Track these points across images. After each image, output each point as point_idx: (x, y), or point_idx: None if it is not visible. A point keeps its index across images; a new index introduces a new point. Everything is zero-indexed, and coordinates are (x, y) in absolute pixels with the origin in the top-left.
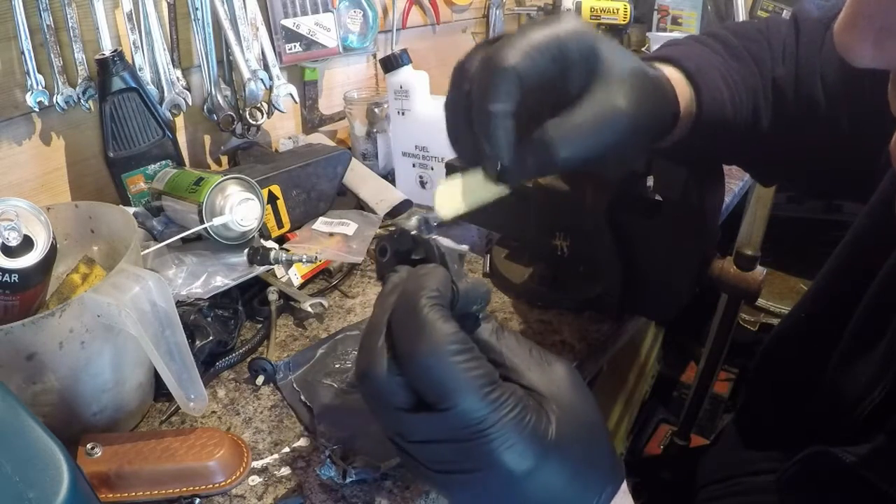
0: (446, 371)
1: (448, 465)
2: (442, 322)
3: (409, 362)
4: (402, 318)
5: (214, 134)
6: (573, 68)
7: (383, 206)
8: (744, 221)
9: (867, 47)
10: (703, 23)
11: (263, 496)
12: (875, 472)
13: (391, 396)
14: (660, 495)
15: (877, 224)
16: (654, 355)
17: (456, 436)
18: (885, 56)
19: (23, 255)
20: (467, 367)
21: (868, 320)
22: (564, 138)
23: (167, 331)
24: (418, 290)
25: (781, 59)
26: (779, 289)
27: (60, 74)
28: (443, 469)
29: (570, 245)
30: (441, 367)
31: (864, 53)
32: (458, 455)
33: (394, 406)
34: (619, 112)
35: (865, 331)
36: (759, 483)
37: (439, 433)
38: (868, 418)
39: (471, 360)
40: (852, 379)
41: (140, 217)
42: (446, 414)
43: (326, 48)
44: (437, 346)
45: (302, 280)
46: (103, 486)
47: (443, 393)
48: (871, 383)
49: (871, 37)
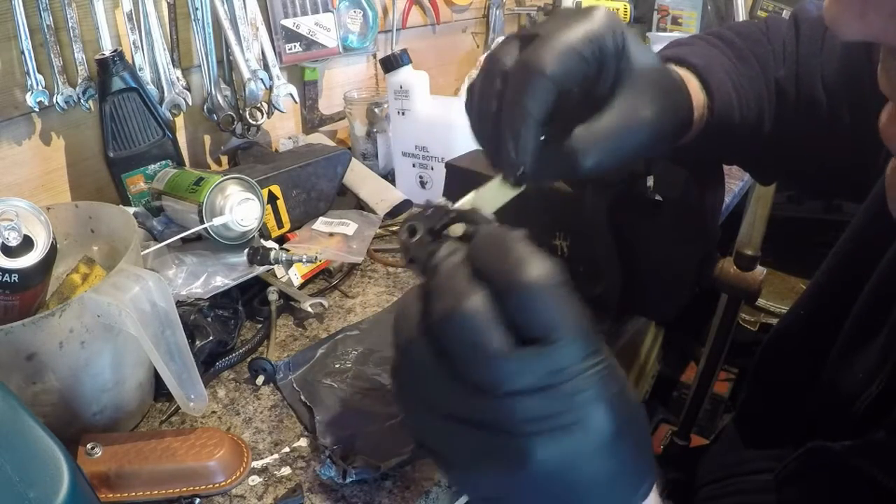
0: (556, 300)
1: (541, 423)
2: (541, 257)
3: (512, 293)
4: (495, 252)
5: (214, 134)
6: (606, 69)
7: (383, 206)
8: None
9: (853, 19)
10: (703, 23)
11: (263, 496)
12: (873, 464)
13: (488, 336)
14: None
15: (875, 220)
16: (654, 355)
17: (560, 378)
18: (871, 28)
19: (23, 255)
20: (571, 301)
21: (866, 316)
22: (590, 148)
23: (167, 331)
24: (502, 232)
25: (782, 59)
26: (779, 289)
27: (60, 74)
28: (534, 429)
29: (570, 245)
30: (550, 296)
31: (850, 25)
32: (557, 405)
33: (491, 348)
34: (645, 122)
35: (863, 326)
36: (758, 482)
37: (542, 376)
38: (866, 413)
39: (571, 296)
40: (850, 374)
41: (140, 217)
42: (554, 348)
43: (326, 48)
44: (544, 275)
45: (302, 280)
46: (103, 486)
47: (551, 324)
48: (869, 378)
49: (856, 8)
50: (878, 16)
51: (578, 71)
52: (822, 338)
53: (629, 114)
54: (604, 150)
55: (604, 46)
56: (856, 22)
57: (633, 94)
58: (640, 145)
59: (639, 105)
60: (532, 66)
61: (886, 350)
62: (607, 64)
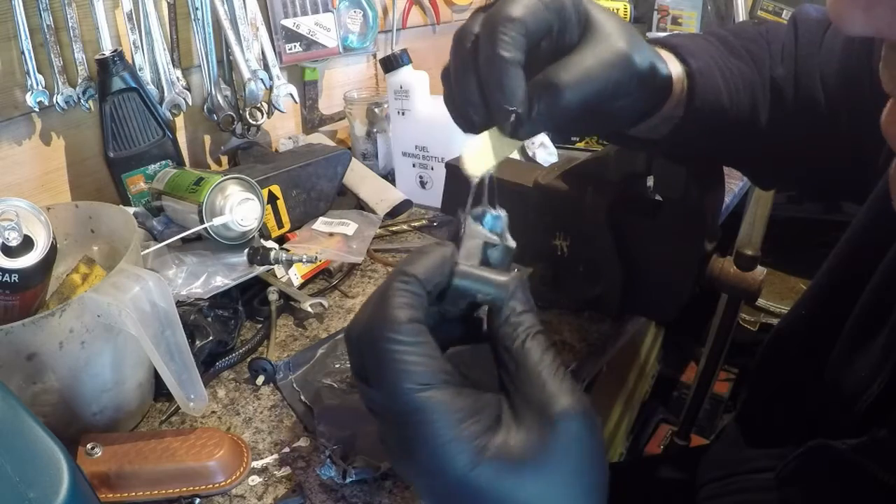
0: (377, 353)
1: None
2: (396, 309)
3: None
4: (377, 292)
5: (214, 134)
6: (571, 19)
7: (383, 206)
8: (744, 221)
9: (859, 13)
10: (703, 23)
11: (263, 496)
12: (876, 461)
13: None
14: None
15: (876, 220)
16: (654, 355)
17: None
18: (875, 22)
19: (23, 255)
20: (399, 357)
21: (867, 315)
22: (570, 79)
23: (167, 331)
24: (396, 273)
25: (780, 59)
26: (779, 289)
27: (60, 74)
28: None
29: (570, 245)
30: (375, 348)
31: (855, 19)
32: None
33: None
34: (621, 52)
35: (864, 326)
36: (759, 481)
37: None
38: (867, 412)
39: (408, 351)
40: (852, 374)
41: (140, 217)
42: (376, 391)
43: (326, 48)
44: (376, 328)
45: (302, 280)
46: (103, 486)
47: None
48: (870, 377)
49: (861, 3)
50: (885, 10)
51: (543, 18)
52: (823, 337)
53: (603, 47)
54: (583, 81)
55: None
56: (862, 16)
57: (604, 35)
58: (620, 76)
59: (612, 40)
60: (499, 15)
61: (888, 349)
62: (568, 16)
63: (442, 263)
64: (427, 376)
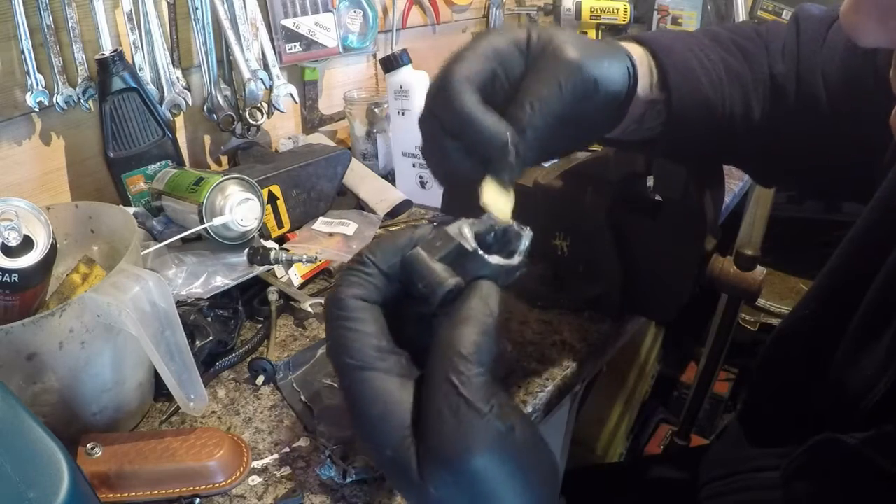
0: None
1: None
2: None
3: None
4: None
5: (214, 134)
6: (511, 56)
7: (383, 206)
8: (744, 221)
9: (872, 26)
10: (703, 23)
11: (263, 496)
12: (883, 454)
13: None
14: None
15: (880, 219)
16: (654, 355)
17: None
18: (890, 34)
19: (23, 255)
20: (334, 331)
21: (872, 314)
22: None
23: (167, 331)
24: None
25: (781, 57)
26: (779, 289)
27: (60, 74)
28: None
29: (570, 245)
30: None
31: (870, 32)
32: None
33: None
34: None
35: (870, 325)
36: (763, 479)
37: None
38: (873, 411)
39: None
40: (857, 372)
41: (140, 217)
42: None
43: (326, 48)
44: (326, 304)
45: (302, 280)
46: (103, 486)
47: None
48: (876, 375)
49: (875, 15)
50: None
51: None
52: (827, 337)
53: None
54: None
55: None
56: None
57: (551, 51)
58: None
59: (559, 53)
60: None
61: (893, 349)
62: (510, 53)
63: (400, 246)
64: (359, 353)
